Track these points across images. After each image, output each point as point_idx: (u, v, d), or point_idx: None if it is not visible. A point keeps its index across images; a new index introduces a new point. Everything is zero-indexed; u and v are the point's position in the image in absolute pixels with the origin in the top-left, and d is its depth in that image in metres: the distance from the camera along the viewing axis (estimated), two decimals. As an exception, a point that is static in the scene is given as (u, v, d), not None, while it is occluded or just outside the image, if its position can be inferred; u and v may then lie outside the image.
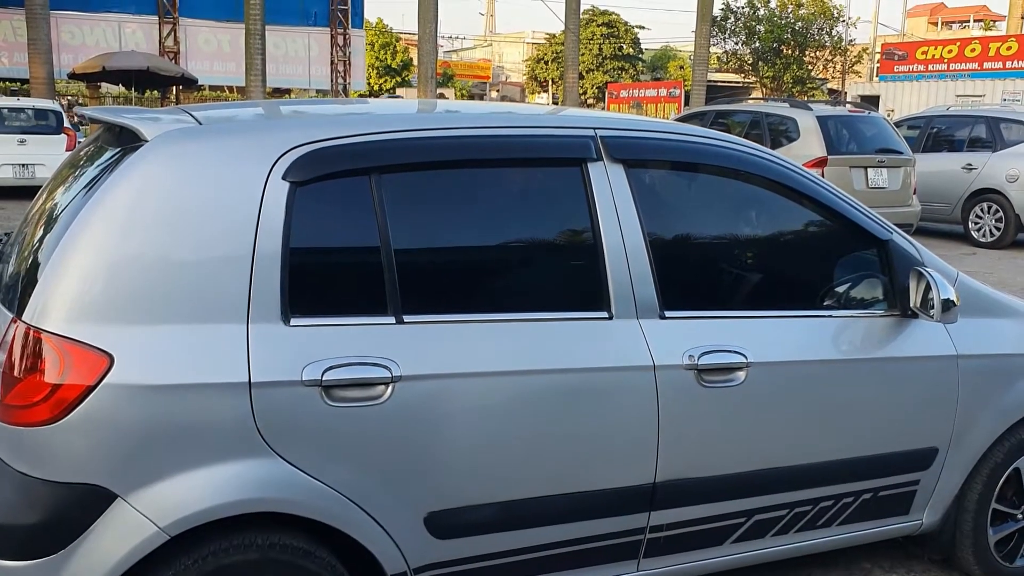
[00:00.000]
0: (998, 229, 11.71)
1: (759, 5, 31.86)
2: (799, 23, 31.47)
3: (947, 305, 2.69)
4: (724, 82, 40.34)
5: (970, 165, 11.93)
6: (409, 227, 2.30)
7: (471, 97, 50.53)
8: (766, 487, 2.68)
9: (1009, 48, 23.87)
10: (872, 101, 25.21)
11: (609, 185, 2.49)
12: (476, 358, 2.27)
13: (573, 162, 2.48)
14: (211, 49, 25.68)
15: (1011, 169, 11.49)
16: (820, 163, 9.80)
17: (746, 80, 34.63)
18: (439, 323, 2.26)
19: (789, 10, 31.86)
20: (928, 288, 2.71)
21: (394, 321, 2.21)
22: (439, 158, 2.35)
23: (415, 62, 27.21)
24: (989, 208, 11.78)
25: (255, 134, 2.26)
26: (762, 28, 31.46)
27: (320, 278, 2.22)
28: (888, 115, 21.21)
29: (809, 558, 3.19)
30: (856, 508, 2.86)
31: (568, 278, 2.54)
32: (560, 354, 2.37)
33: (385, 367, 2.15)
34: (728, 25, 32.03)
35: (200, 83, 24.71)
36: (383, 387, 2.15)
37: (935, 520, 3.06)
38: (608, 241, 2.46)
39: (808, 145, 9.97)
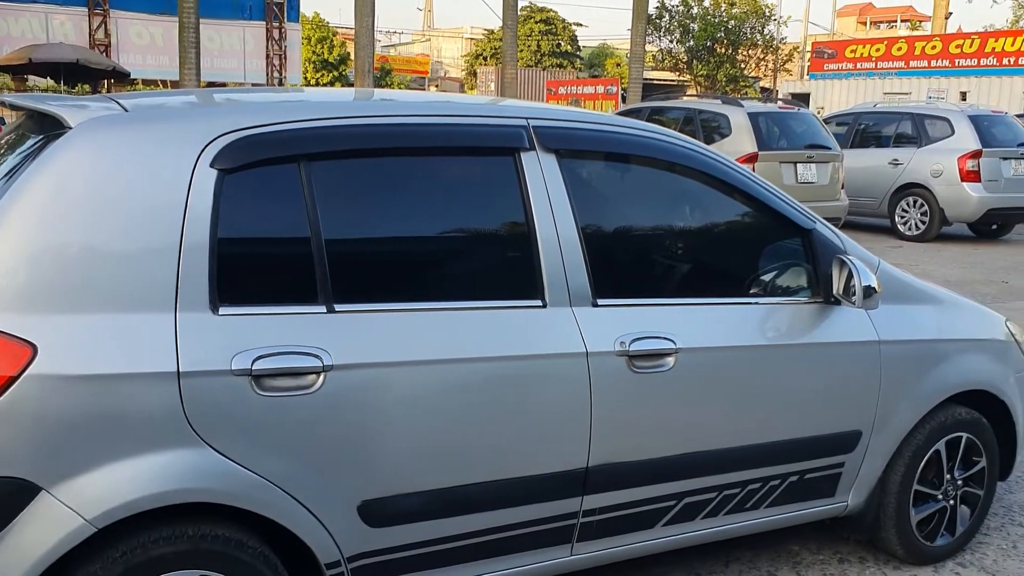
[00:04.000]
0: (923, 223, 12.07)
1: (693, 4, 32.27)
2: (732, 22, 31.95)
3: (868, 292, 2.78)
4: (661, 80, 40.78)
5: (896, 161, 12.27)
6: (340, 215, 2.30)
7: (409, 93, 50.00)
8: (695, 470, 2.73)
9: (934, 47, 24.57)
10: (803, 99, 25.72)
11: (542, 175, 2.51)
12: (409, 347, 2.28)
13: (506, 151, 2.50)
14: (143, 42, 25.08)
15: (935, 164, 11.85)
16: (751, 158, 9.98)
17: (681, 78, 35.04)
18: (371, 312, 2.26)
19: (722, 9, 32.33)
20: (850, 275, 2.80)
21: (325, 310, 2.20)
22: (370, 146, 2.35)
23: (352, 56, 26.94)
24: (915, 202, 12.14)
25: (182, 121, 2.24)
26: (696, 26, 31.87)
27: (250, 267, 2.21)
28: (818, 112, 21.68)
29: (739, 541, 3.27)
30: (783, 491, 2.94)
31: (502, 267, 2.56)
32: (494, 342, 2.39)
33: (316, 356, 2.15)
34: (663, 23, 32.38)
35: (132, 77, 24.14)
36: (314, 376, 2.15)
37: (860, 502, 3.15)
38: (541, 230, 2.48)
39: (739, 141, 10.15)
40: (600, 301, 2.56)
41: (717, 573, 3.21)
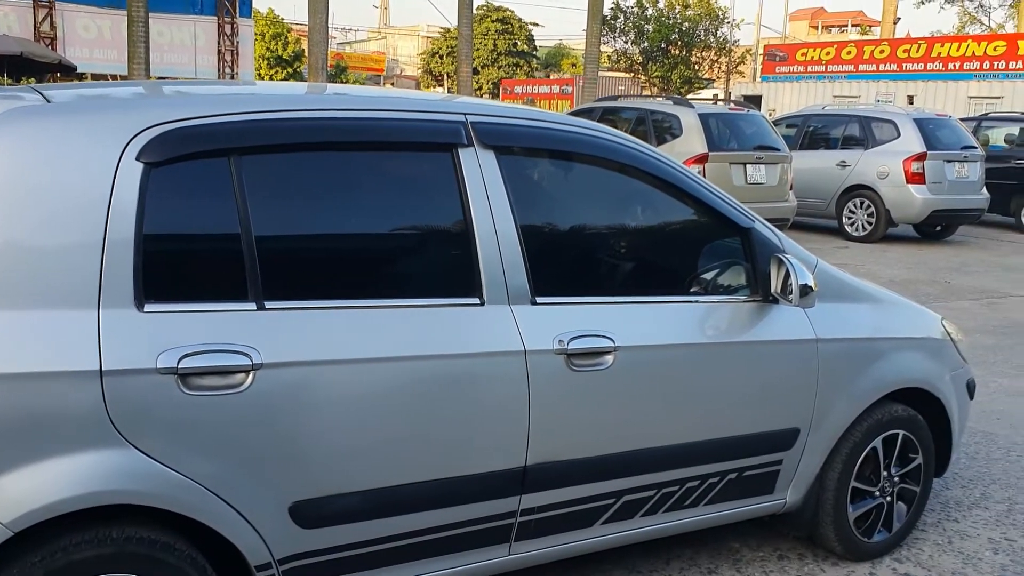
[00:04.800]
0: (870, 224, 12.27)
1: (647, 5, 32.47)
2: (686, 24, 32.22)
3: (805, 290, 2.80)
4: (613, 79, 40.98)
5: (844, 162, 12.46)
6: (272, 211, 2.25)
7: (364, 91, 49.70)
8: (635, 468, 2.73)
9: (882, 51, 25.00)
10: (755, 101, 26.02)
11: (480, 171, 2.49)
12: (343, 345, 2.24)
13: (443, 147, 2.48)
14: (91, 36, 24.57)
15: (882, 166, 12.05)
16: (701, 159, 10.07)
17: (636, 79, 35.25)
18: (303, 309, 2.22)
19: (676, 11, 32.57)
20: (788, 274, 2.82)
21: (255, 307, 2.16)
22: (304, 140, 2.31)
23: (307, 53, 26.68)
24: (861, 203, 12.34)
25: (106, 113, 2.18)
26: (650, 28, 32.08)
27: (176, 262, 2.16)
28: (770, 114, 21.94)
29: (680, 538, 3.28)
30: (722, 488, 2.95)
31: (439, 264, 2.53)
32: (430, 340, 2.36)
33: (245, 354, 2.10)
34: (618, 24, 32.54)
35: (80, 70, 23.65)
36: (243, 375, 2.10)
37: (798, 499, 3.18)
38: (479, 227, 2.46)
39: (690, 142, 10.23)
40: (539, 299, 2.54)
41: (658, 571, 3.22)
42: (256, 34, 52.85)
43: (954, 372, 3.50)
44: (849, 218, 12.48)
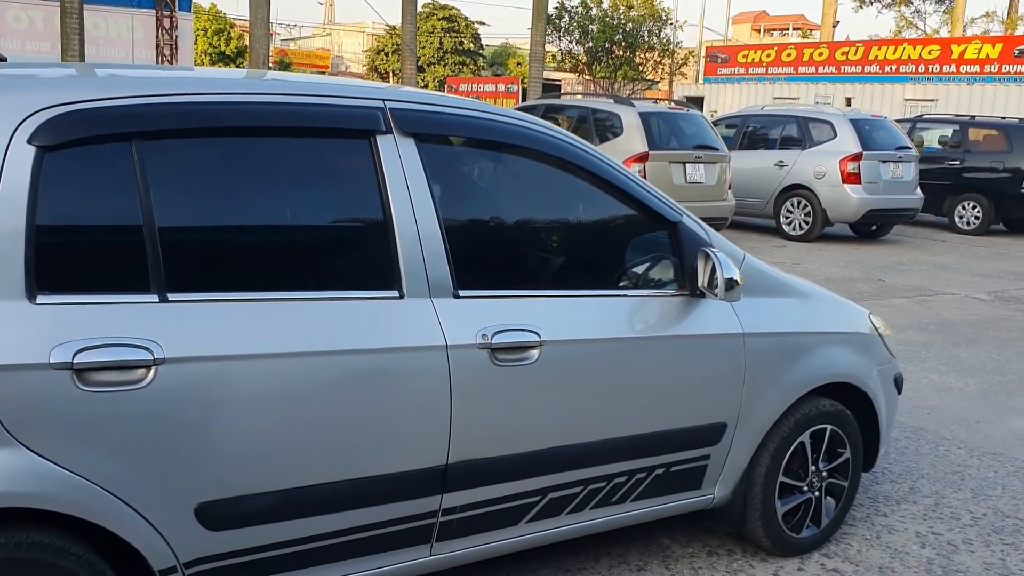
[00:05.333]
0: (807, 223, 12.43)
1: (592, 5, 32.60)
2: (630, 24, 32.40)
3: (731, 284, 2.78)
4: (563, 80, 41.10)
5: (782, 162, 12.61)
6: (176, 198, 2.15)
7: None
8: (560, 465, 2.68)
9: (821, 54, 25.42)
10: (697, 102, 26.29)
11: (399, 159, 2.42)
12: (252, 339, 2.15)
13: (360, 134, 2.40)
14: (22, 27, 23.87)
15: (818, 166, 12.22)
16: (642, 158, 10.11)
17: (581, 79, 35.36)
18: (210, 302, 2.13)
19: (621, 11, 32.75)
20: (714, 268, 2.79)
21: (157, 299, 2.06)
22: (212, 125, 2.21)
23: (248, 48, 26.28)
24: (798, 203, 12.50)
25: None
26: (595, 28, 32.20)
27: (73, 252, 2.05)
28: (712, 115, 22.15)
29: (610, 536, 3.25)
30: (649, 484, 2.92)
31: (355, 256, 2.45)
32: (345, 334, 2.28)
33: (146, 348, 2.00)
34: (563, 24, 32.61)
35: (11, 63, 22.93)
36: (143, 370, 2.00)
37: (726, 494, 3.16)
38: (398, 217, 2.39)
39: (631, 140, 10.26)
40: (462, 292, 2.48)
41: (587, 569, 3.17)
42: (198, 29, 52.10)
43: (882, 367, 3.51)
44: (787, 217, 12.64)
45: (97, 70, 2.44)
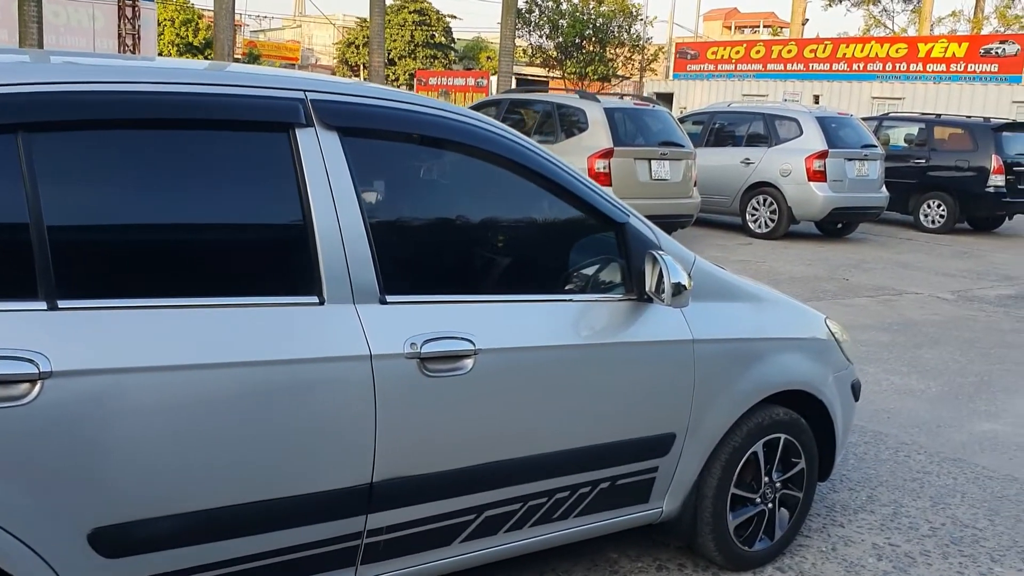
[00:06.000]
0: (772, 221, 12.37)
1: (562, 0, 32.45)
2: (600, 19, 32.28)
3: (678, 289, 2.63)
4: (534, 76, 40.91)
5: (748, 160, 12.54)
6: (69, 196, 1.97)
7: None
8: (497, 481, 2.53)
9: (790, 51, 25.45)
10: (667, 98, 26.27)
11: (321, 154, 2.25)
12: (153, 350, 1.97)
13: (278, 127, 2.22)
14: (-21, 15, 23.34)
15: (784, 164, 12.16)
16: (606, 154, 9.98)
17: (551, 74, 35.21)
18: (105, 309, 1.95)
19: (591, 6, 32.62)
20: (662, 272, 2.65)
21: (45, 307, 1.88)
22: (109, 116, 2.02)
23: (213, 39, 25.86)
24: (764, 201, 12.43)
25: None
26: (565, 23, 32.05)
27: None
28: (681, 111, 22.11)
29: (555, 552, 3.10)
30: (594, 498, 2.77)
31: (270, 258, 2.27)
32: (257, 344, 2.11)
33: (31, 361, 1.82)
34: (532, 18, 32.43)
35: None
36: (28, 385, 1.82)
37: (675, 507, 3.02)
38: (319, 217, 2.22)
39: (596, 136, 10.13)
40: (389, 298, 2.31)
41: (531, 586, 3.03)
42: (165, 20, 51.44)
43: (838, 373, 3.39)
44: (752, 215, 12.57)
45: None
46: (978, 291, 9.44)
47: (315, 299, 2.21)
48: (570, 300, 2.70)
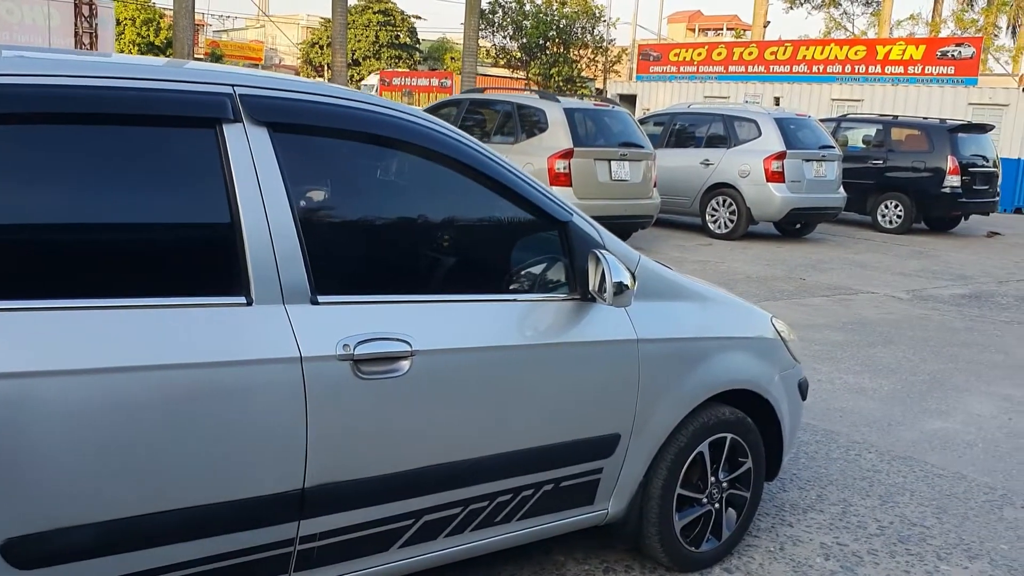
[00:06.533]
0: (731, 221, 12.43)
1: (526, 1, 32.41)
2: (563, 20, 32.30)
3: (620, 288, 2.60)
4: (500, 77, 40.88)
5: (707, 161, 12.59)
6: None
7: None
8: (436, 485, 2.48)
9: (751, 53, 25.63)
10: (630, 100, 26.32)
11: (249, 151, 2.19)
12: (70, 353, 1.90)
13: (204, 122, 2.16)
14: (-69, 12, 22.84)
15: (743, 165, 12.22)
16: (566, 154, 9.96)
17: (515, 75, 35.18)
18: (16, 311, 1.87)
19: (554, 7, 32.64)
20: (604, 271, 2.61)
21: None
22: (23, 110, 1.95)
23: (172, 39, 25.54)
24: (724, 201, 12.49)
25: None
26: (528, 24, 32.03)
27: None
28: (644, 113, 22.17)
29: (500, 555, 3.06)
30: (537, 501, 2.73)
31: (196, 258, 2.19)
32: (180, 346, 2.04)
33: None
34: (496, 19, 32.37)
35: None
36: None
37: (621, 509, 2.99)
38: (246, 215, 2.15)
39: (555, 136, 10.11)
40: (322, 298, 2.25)
41: (475, 590, 2.98)
42: (126, 19, 50.77)
43: (784, 372, 3.38)
44: (712, 216, 12.62)
45: None
46: (933, 290, 9.54)
47: (242, 299, 2.14)
48: (513, 300, 2.66)
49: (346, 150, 2.49)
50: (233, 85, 2.23)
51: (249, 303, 2.15)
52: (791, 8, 39.41)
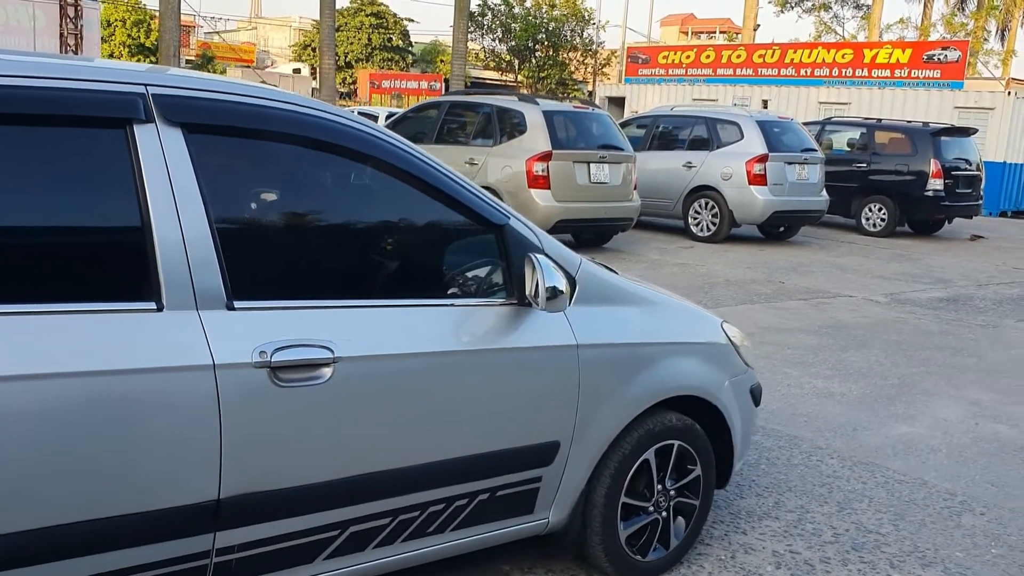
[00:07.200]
0: (714, 224, 12.39)
1: (514, 3, 32.37)
2: (552, 23, 32.27)
3: (554, 293, 2.55)
4: (491, 80, 40.83)
5: (690, 163, 12.55)
6: None
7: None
8: (362, 495, 2.42)
9: (739, 56, 25.61)
10: (619, 103, 26.30)
11: (162, 152, 2.13)
12: None
13: (113, 123, 2.10)
14: (-84, 13, 22.72)
15: (725, 168, 12.18)
16: (545, 157, 9.92)
17: (504, 77, 35.14)
18: None
19: (543, 10, 32.60)
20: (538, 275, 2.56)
21: None
22: None
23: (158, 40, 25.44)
24: (706, 204, 12.45)
25: None
26: (517, 26, 31.99)
27: None
28: (633, 114, 22.12)
29: (442, 565, 2.98)
30: (473, 511, 2.67)
31: (104, 263, 2.13)
32: (85, 354, 1.98)
33: None
34: (485, 22, 32.32)
35: None
36: None
37: (562, 518, 2.93)
38: (158, 219, 2.09)
39: (534, 139, 10.06)
40: (238, 304, 2.19)
41: (414, 599, 2.92)
42: (116, 20, 50.57)
43: (735, 378, 3.33)
44: (695, 218, 12.57)
45: None
46: (911, 294, 9.51)
47: (153, 305, 2.08)
48: (448, 305, 2.60)
49: (268, 152, 2.43)
50: (146, 84, 2.17)
51: (160, 309, 2.09)
52: (781, 12, 39.45)
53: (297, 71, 56.02)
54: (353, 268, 2.60)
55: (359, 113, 21.07)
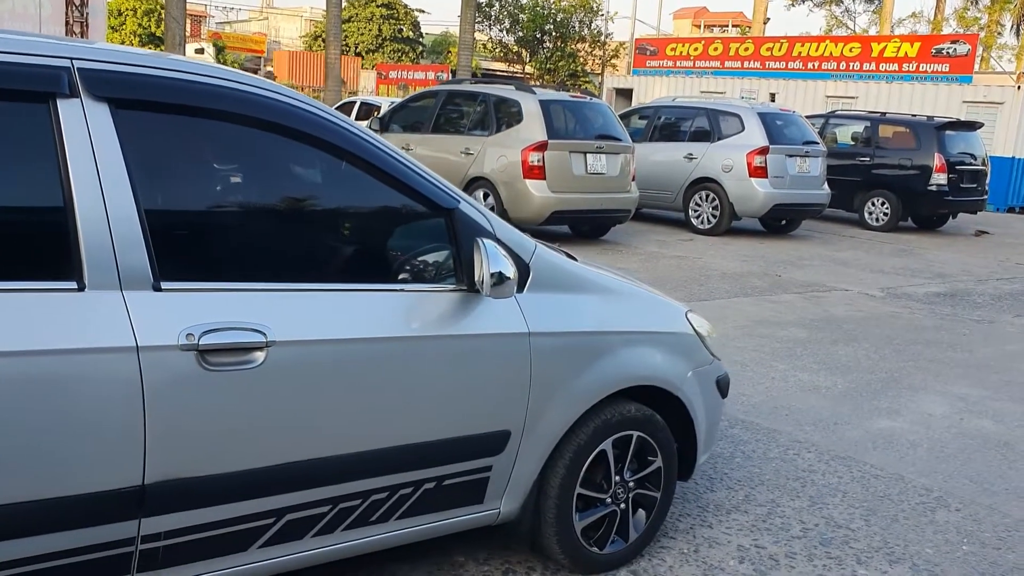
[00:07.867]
0: (714, 216, 12.29)
1: (522, -8, 32.27)
2: (560, 14, 32.11)
3: (499, 279, 2.49)
4: (501, 71, 40.68)
5: (691, 155, 12.45)
6: None
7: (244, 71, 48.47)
8: (300, 482, 2.36)
9: (747, 49, 25.44)
10: (627, 94, 26.17)
11: (87, 128, 2.07)
12: None
13: (36, 96, 2.04)
14: (-79, -1, 22.74)
15: (726, 160, 12.08)
16: (540, 147, 9.84)
17: (511, 68, 35.00)
18: None
19: (551, 1, 32.45)
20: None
21: None
22: None
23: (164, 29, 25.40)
24: (706, 196, 12.35)
25: None
26: (524, 17, 31.85)
27: None
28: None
29: (394, 552, 2.95)
30: (418, 500, 2.62)
31: (21, 241, 2.07)
32: (1, 334, 1.92)
33: None
34: (492, 12, 32.19)
35: None
36: None
37: (514, 508, 2.87)
38: (80, 196, 2.04)
39: (530, 128, 9.99)
40: (165, 284, 2.14)
41: (365, 590, 2.87)
42: (128, 9, 50.64)
43: (700, 368, 3.26)
44: (695, 211, 12.48)
45: None
46: (908, 288, 9.40)
47: (73, 284, 2.03)
48: (394, 290, 2.54)
49: (202, 129, 2.37)
50: (72, 58, 2.11)
51: (81, 288, 2.03)
52: (792, 5, 39.20)
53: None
54: (292, 251, 2.53)
55: (361, 104, 20.96)
